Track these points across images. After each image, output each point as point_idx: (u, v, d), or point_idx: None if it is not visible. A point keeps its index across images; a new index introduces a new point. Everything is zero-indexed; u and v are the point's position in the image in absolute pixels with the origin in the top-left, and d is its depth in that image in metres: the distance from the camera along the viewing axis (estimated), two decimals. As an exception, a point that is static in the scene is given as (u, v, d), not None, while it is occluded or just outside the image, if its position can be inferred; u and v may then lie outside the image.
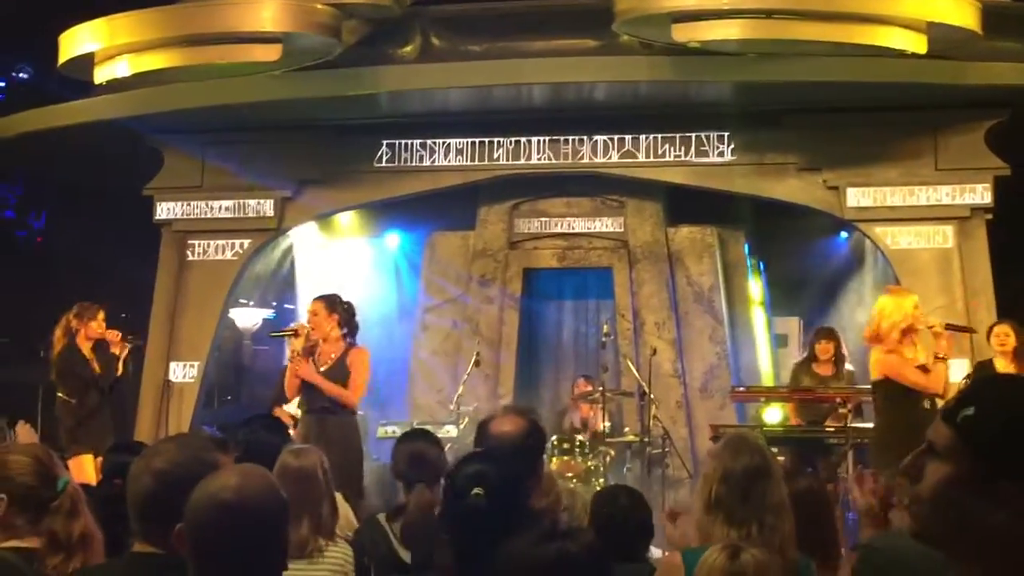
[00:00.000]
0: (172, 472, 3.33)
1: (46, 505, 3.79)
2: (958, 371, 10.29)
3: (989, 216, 12.46)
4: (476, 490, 3.52)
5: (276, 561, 2.93)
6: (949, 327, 8.90)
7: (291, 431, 8.50)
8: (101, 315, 10.85)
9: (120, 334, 10.90)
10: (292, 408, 10.51)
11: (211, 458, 3.40)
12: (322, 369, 9.48)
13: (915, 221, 12.58)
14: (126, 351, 10.90)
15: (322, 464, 5.15)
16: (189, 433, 4.06)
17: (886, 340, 8.44)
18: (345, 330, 9.67)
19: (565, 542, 2.83)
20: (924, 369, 8.42)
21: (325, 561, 4.92)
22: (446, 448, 6.73)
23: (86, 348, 10.76)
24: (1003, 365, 10.18)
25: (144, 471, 3.39)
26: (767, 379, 13.31)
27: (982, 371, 10.00)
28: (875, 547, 3.42)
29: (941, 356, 8.49)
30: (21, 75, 18.46)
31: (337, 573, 4.92)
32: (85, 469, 9.95)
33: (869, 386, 9.09)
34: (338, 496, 5.94)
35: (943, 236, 12.50)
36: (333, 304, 9.68)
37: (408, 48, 12.83)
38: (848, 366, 11.56)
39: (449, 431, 11.43)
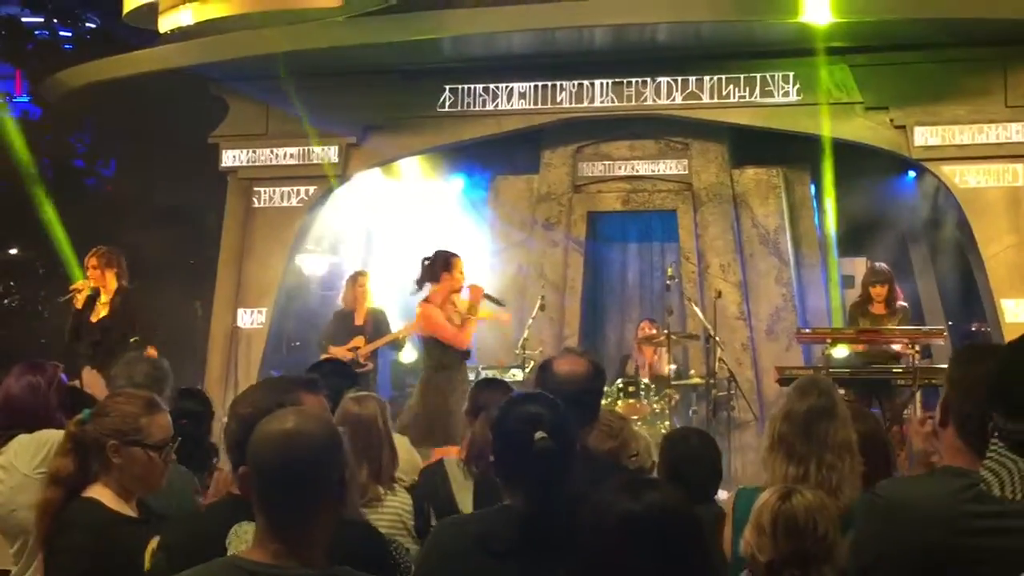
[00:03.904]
0: (254, 416, 3.39)
1: None
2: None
3: (1060, 153, 12.27)
4: (540, 434, 3.46)
5: (336, 499, 2.95)
6: None
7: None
8: (91, 261, 11.02)
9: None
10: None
11: (291, 399, 3.45)
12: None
13: (984, 159, 12.39)
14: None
15: (382, 412, 5.17)
16: (278, 377, 4.11)
17: None
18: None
19: (654, 493, 2.83)
20: None
21: (385, 509, 4.91)
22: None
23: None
24: None
25: (232, 417, 3.50)
26: (835, 320, 13.21)
27: None
28: (877, 493, 3.42)
29: None
30: (88, 24, 18.64)
31: (395, 521, 4.92)
32: None
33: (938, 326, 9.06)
34: (405, 442, 6.01)
35: (1013, 174, 12.32)
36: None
37: (470, -8, 12.80)
38: (902, 303, 11.48)
39: (515, 375, 11.48)
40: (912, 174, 13.77)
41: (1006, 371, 2.16)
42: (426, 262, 9.79)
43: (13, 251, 17.01)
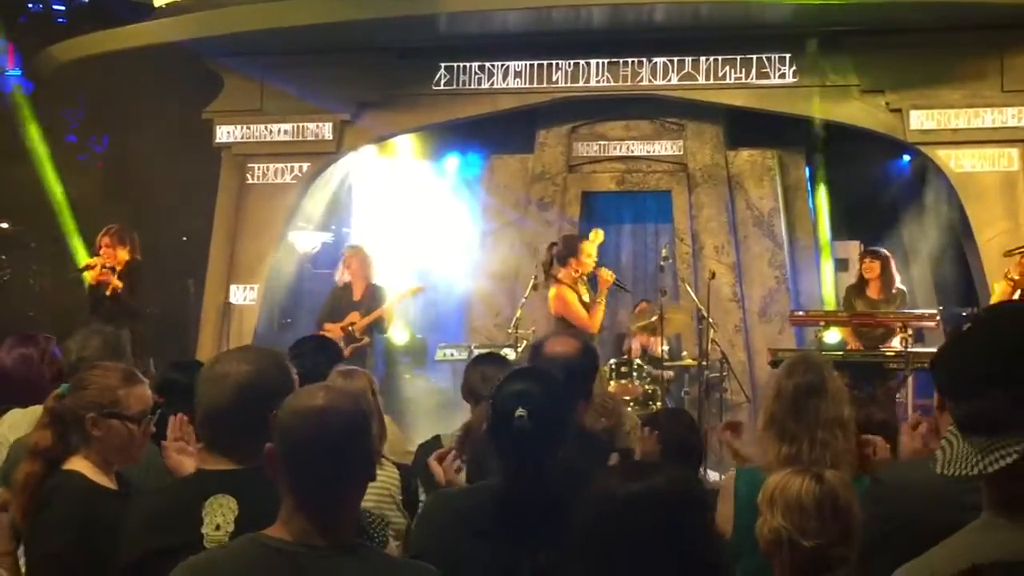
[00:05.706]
0: (256, 383, 3.34)
1: None
2: None
3: (1056, 138, 12.24)
4: (520, 411, 3.42)
5: (365, 471, 2.94)
6: None
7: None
8: (103, 240, 11.12)
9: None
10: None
11: (290, 367, 3.46)
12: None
13: (979, 144, 12.37)
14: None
15: (371, 385, 5.16)
16: (246, 346, 3.97)
17: None
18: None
19: (653, 478, 2.80)
20: None
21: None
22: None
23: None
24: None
25: (220, 381, 3.40)
26: (827, 303, 13.21)
27: None
28: (882, 480, 3.40)
29: None
30: (82, -2, 18.50)
31: (383, 494, 4.91)
32: None
33: (931, 310, 9.06)
34: (387, 418, 6.01)
35: (1008, 159, 12.30)
36: None
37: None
38: (900, 286, 11.48)
39: (507, 354, 11.45)
40: (907, 158, 13.75)
41: (944, 351, 2.21)
42: (554, 247, 10.11)
43: (4, 225, 16.93)
